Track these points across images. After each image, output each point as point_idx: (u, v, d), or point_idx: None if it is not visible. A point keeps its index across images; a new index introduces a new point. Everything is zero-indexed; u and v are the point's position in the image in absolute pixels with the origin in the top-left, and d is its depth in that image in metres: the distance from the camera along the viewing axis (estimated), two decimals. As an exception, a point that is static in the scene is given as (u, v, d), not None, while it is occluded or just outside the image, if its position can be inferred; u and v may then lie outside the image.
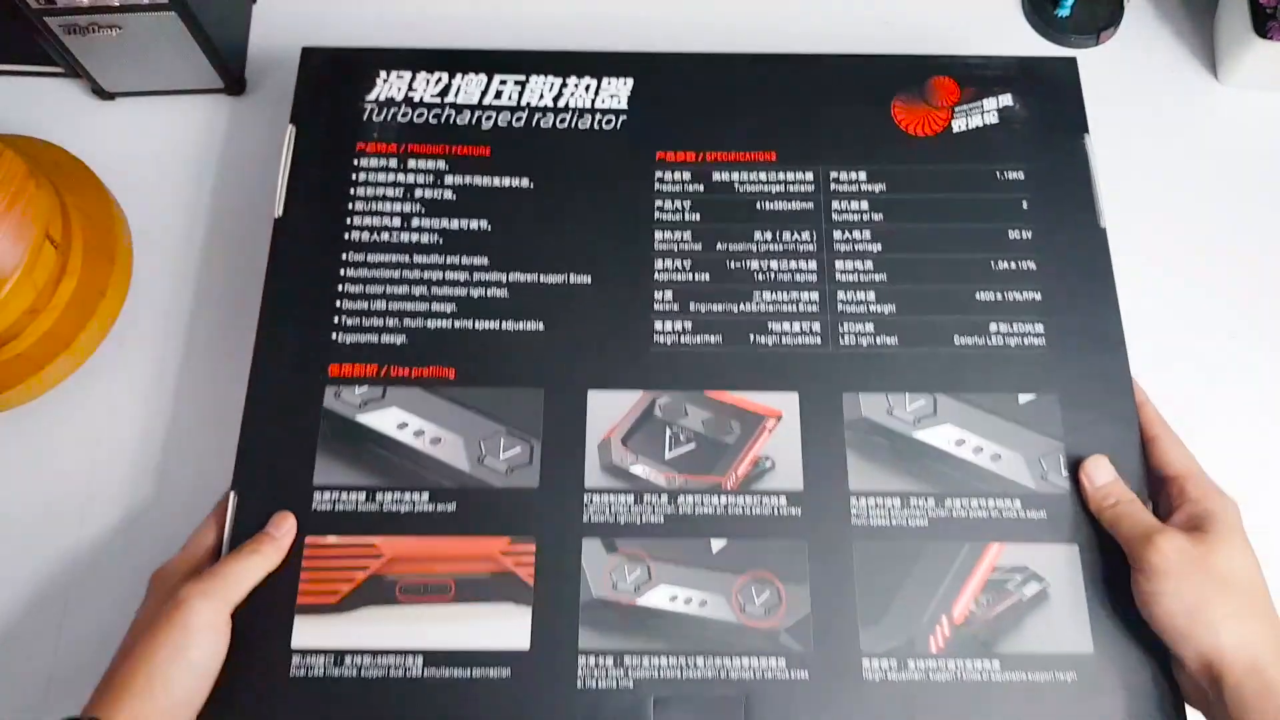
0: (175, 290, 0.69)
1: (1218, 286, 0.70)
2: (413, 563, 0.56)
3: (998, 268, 0.63)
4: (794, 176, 0.65)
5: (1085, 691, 0.54)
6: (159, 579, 0.55)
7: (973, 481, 0.58)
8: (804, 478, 0.58)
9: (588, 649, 0.55)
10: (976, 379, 0.60)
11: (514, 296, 0.62)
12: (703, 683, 0.54)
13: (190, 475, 0.60)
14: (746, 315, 0.62)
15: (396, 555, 0.56)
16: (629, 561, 0.56)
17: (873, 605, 0.55)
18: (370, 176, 0.65)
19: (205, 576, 0.53)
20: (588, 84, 0.68)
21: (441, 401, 0.60)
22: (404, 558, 0.56)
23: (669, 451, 0.59)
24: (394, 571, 0.56)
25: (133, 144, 0.73)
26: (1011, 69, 0.68)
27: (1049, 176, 0.65)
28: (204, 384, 0.63)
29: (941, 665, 0.55)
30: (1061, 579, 0.56)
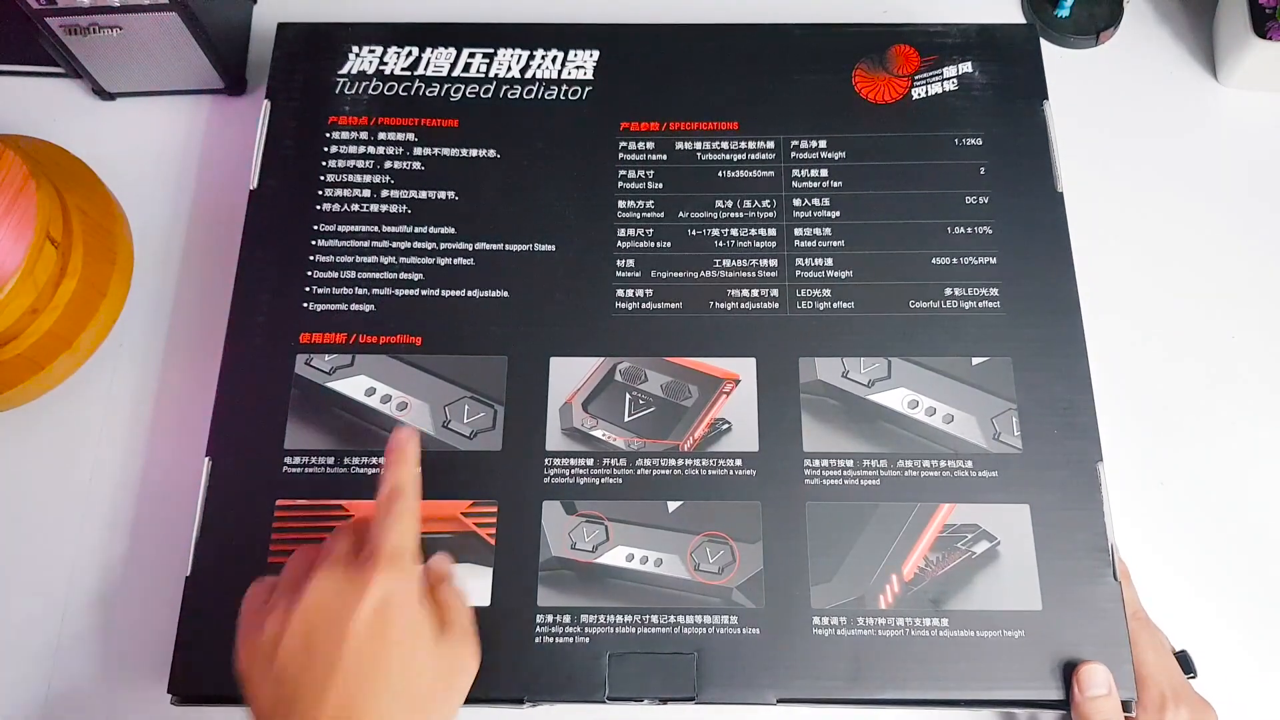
0: (176, 290, 0.70)
1: (1218, 286, 0.70)
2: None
3: (954, 233, 0.64)
4: (755, 145, 0.66)
5: (1033, 648, 0.55)
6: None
7: (925, 442, 0.59)
8: (759, 440, 0.59)
9: (546, 606, 0.56)
10: (931, 342, 0.61)
11: (479, 265, 0.64)
12: (657, 639, 0.56)
13: (191, 475, 0.59)
14: (707, 282, 0.63)
15: (365, 517, 0.58)
16: (588, 522, 0.58)
17: (824, 564, 0.57)
18: (341, 149, 0.66)
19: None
20: (554, 56, 0.69)
21: (408, 368, 0.61)
22: (371, 519, 0.58)
23: (628, 415, 0.60)
24: (361, 533, 0.58)
25: (133, 144, 0.73)
26: (971, 36, 0.68)
27: (1007, 142, 0.66)
28: (205, 384, 0.62)
29: (890, 622, 0.56)
30: (1012, 538, 0.57)
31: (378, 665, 0.48)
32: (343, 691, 0.47)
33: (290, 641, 0.48)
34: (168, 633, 0.56)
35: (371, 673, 0.48)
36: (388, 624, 0.49)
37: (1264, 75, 0.73)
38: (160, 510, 0.64)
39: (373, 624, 0.49)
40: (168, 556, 0.61)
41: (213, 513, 0.58)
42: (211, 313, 0.66)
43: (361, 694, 0.47)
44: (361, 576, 0.49)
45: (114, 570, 0.63)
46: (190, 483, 0.59)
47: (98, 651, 0.61)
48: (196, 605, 0.57)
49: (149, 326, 0.68)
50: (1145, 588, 0.60)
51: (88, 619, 0.62)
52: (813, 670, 0.55)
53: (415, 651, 0.49)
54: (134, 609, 0.62)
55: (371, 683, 0.48)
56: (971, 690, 0.55)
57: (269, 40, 0.70)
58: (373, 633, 0.48)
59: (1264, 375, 0.68)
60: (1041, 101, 0.67)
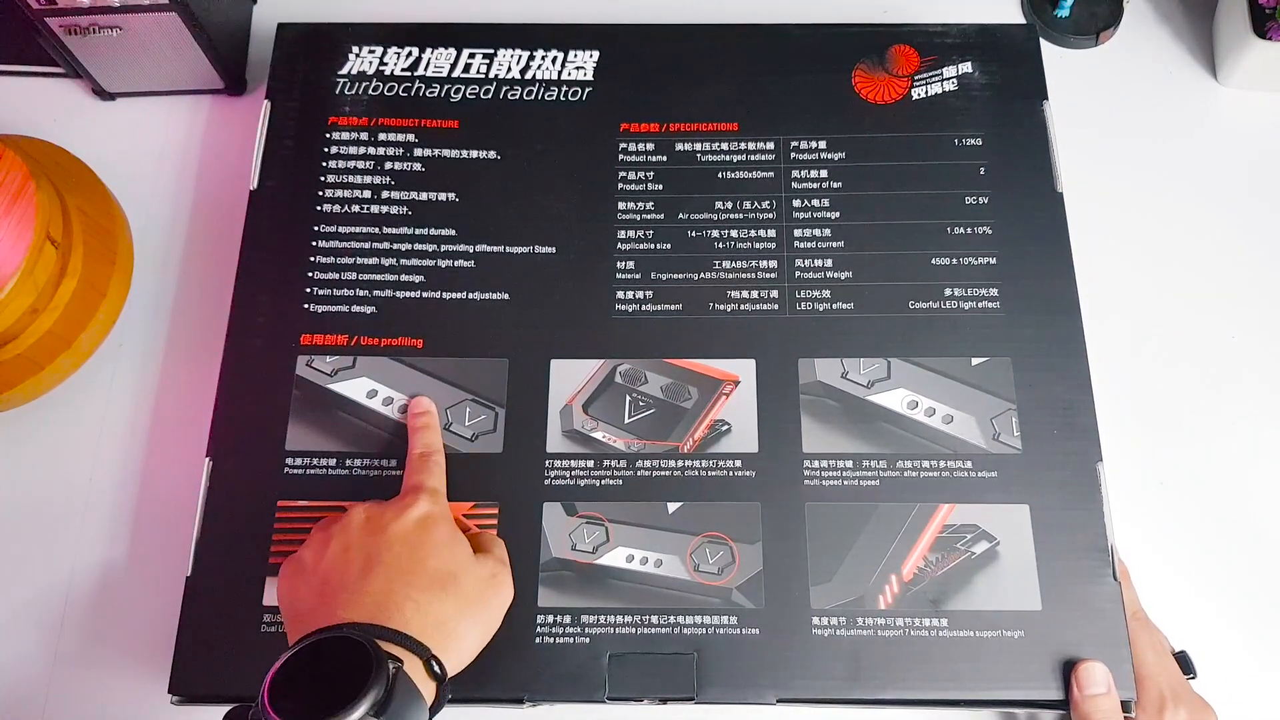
0: (176, 290, 0.70)
1: (1218, 287, 0.70)
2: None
3: (954, 233, 0.64)
4: (755, 146, 0.66)
5: (1033, 648, 0.55)
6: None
7: (925, 443, 0.59)
8: (759, 441, 0.59)
9: (546, 607, 0.56)
10: (931, 342, 0.61)
11: (480, 267, 0.64)
12: (657, 639, 0.56)
13: (191, 475, 0.59)
14: (706, 284, 0.63)
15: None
16: (588, 523, 0.58)
17: (824, 564, 0.57)
18: (342, 150, 0.67)
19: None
20: (554, 56, 0.69)
21: (410, 370, 0.61)
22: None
23: (628, 417, 0.60)
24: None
25: (133, 144, 0.73)
26: (971, 36, 0.68)
27: (1007, 142, 0.66)
28: (205, 384, 0.62)
29: (890, 622, 0.56)
30: (1012, 538, 0.57)
31: (417, 560, 0.50)
32: (383, 581, 0.49)
33: (332, 553, 0.51)
34: (168, 633, 0.56)
35: (411, 565, 0.50)
36: (428, 531, 0.52)
37: (1264, 75, 0.73)
38: (160, 510, 0.64)
39: (413, 530, 0.52)
40: (168, 556, 0.61)
41: (213, 513, 0.58)
42: (211, 313, 0.66)
43: (401, 581, 0.49)
44: (404, 500, 0.54)
45: (114, 570, 0.63)
46: (190, 483, 0.60)
47: (98, 651, 0.61)
48: (196, 605, 0.57)
49: (149, 326, 0.69)
50: (1145, 588, 0.61)
51: (88, 619, 0.62)
52: (812, 670, 0.55)
53: (456, 555, 0.52)
54: (134, 609, 0.62)
55: (411, 574, 0.50)
56: (971, 690, 0.55)
57: (269, 40, 0.70)
58: (414, 537, 0.51)
59: (1264, 375, 0.68)
60: (1041, 101, 0.67)
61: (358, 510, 0.53)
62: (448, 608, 0.49)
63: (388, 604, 0.48)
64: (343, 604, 0.48)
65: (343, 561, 0.51)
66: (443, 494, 0.56)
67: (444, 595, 0.50)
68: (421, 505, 0.53)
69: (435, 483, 0.56)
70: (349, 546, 0.51)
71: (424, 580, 0.50)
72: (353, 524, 0.52)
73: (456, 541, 0.53)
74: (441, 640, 0.48)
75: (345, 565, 0.50)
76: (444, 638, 0.48)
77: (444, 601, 0.49)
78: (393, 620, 0.47)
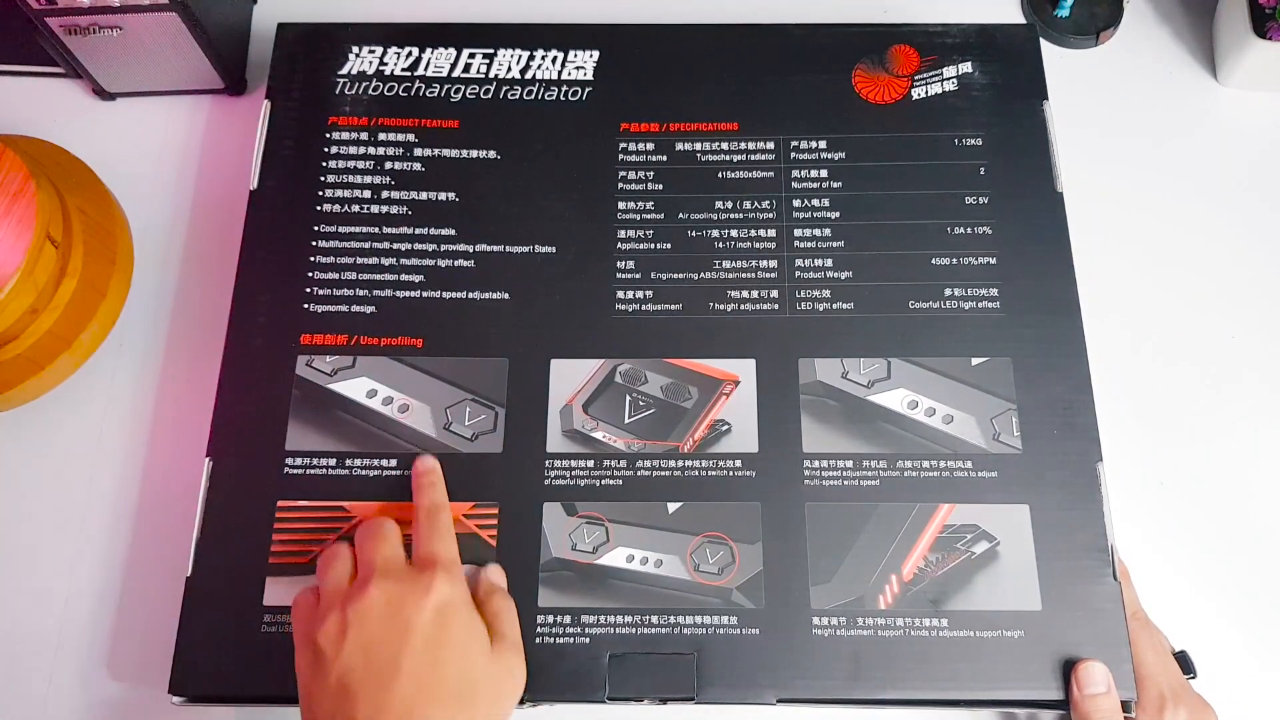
0: (176, 290, 0.70)
1: (1218, 287, 0.70)
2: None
3: (954, 233, 0.64)
4: (755, 146, 0.66)
5: (1033, 648, 0.55)
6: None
7: (925, 443, 0.59)
8: (759, 441, 0.59)
9: (546, 607, 0.56)
10: (931, 342, 0.61)
11: (480, 267, 0.64)
12: (657, 639, 0.56)
13: (191, 475, 0.59)
14: (706, 283, 0.63)
15: (366, 518, 0.58)
16: (588, 524, 0.58)
17: (824, 564, 0.57)
18: (342, 149, 0.66)
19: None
20: (554, 56, 0.69)
21: (410, 370, 0.61)
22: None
23: (628, 417, 0.60)
24: (362, 534, 0.58)
25: (133, 144, 0.73)
26: (971, 36, 0.68)
27: (1007, 142, 0.66)
28: (205, 384, 0.62)
29: (890, 622, 0.56)
30: (1012, 538, 0.57)
31: (436, 670, 0.49)
32: (403, 697, 0.48)
33: (351, 649, 0.49)
34: (168, 633, 0.56)
35: (430, 678, 0.49)
36: (447, 627, 0.50)
37: (1264, 75, 0.73)
38: (160, 510, 0.64)
39: (433, 627, 0.50)
40: (168, 556, 0.61)
41: (213, 513, 0.58)
42: (211, 313, 0.66)
43: (422, 699, 0.48)
44: (421, 581, 0.51)
45: (114, 570, 0.63)
46: (190, 483, 0.59)
47: (98, 651, 0.61)
48: (197, 606, 0.57)
49: (149, 326, 0.68)
50: (1145, 588, 0.61)
51: (88, 619, 0.62)
52: (812, 670, 0.55)
53: (471, 657, 0.51)
54: (134, 609, 0.62)
55: (431, 688, 0.49)
56: (971, 690, 0.55)
57: (269, 40, 0.69)
58: (433, 637, 0.50)
59: (1264, 375, 0.68)
60: (1041, 101, 0.67)
61: (375, 594, 0.50)
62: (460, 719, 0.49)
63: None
64: (365, 716, 0.48)
65: (365, 662, 0.49)
66: (458, 563, 0.54)
67: (460, 709, 0.49)
68: (440, 590, 0.51)
69: (449, 551, 0.54)
70: (370, 645, 0.49)
71: (443, 694, 0.49)
72: (372, 613, 0.50)
73: (473, 634, 0.52)
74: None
75: (368, 668, 0.49)
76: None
77: (458, 715, 0.49)
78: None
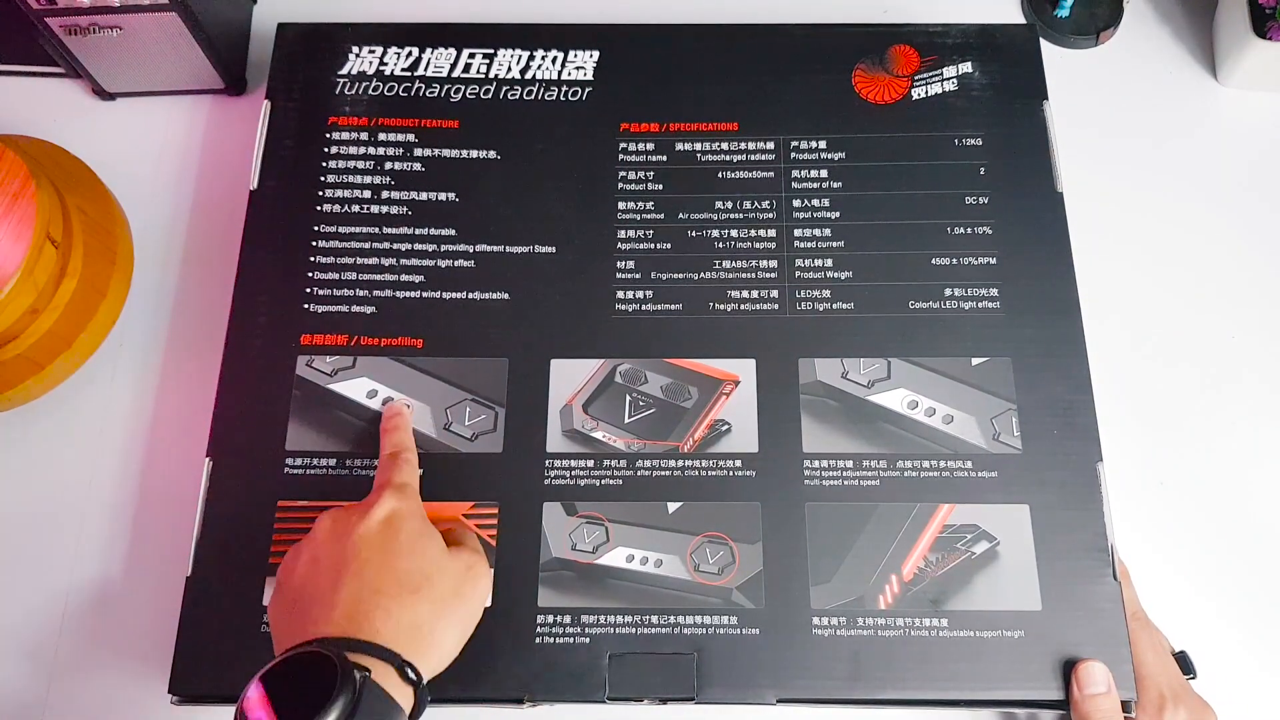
0: (176, 290, 0.70)
1: (1218, 287, 0.70)
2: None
3: (954, 233, 0.64)
4: (755, 146, 0.66)
5: (1033, 648, 0.55)
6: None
7: (925, 443, 0.59)
8: (759, 440, 0.59)
9: (546, 607, 0.56)
10: (931, 342, 0.61)
11: (480, 267, 0.64)
12: (657, 639, 0.56)
13: (191, 475, 0.59)
14: (707, 283, 0.63)
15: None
16: (588, 523, 0.58)
17: (824, 564, 0.57)
18: (342, 150, 0.67)
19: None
20: (554, 56, 0.69)
21: (410, 370, 0.61)
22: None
23: (628, 417, 0.60)
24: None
25: (133, 144, 0.73)
26: (971, 36, 0.68)
27: (1007, 142, 0.66)
28: (205, 384, 0.62)
29: (890, 622, 0.56)
30: (1012, 538, 0.57)
31: (384, 567, 0.50)
32: (350, 595, 0.48)
33: (301, 569, 0.51)
34: (168, 633, 0.56)
35: (377, 575, 0.49)
36: (395, 533, 0.51)
37: (1264, 75, 0.73)
38: (160, 510, 0.64)
39: (379, 534, 0.51)
40: (168, 556, 0.61)
41: (213, 513, 0.58)
42: (211, 313, 0.66)
43: (368, 592, 0.48)
44: (368, 500, 0.53)
45: (114, 570, 0.63)
46: (190, 483, 0.59)
47: (98, 652, 0.61)
48: (197, 605, 0.57)
49: (149, 326, 0.68)
50: (1145, 588, 0.61)
51: (88, 619, 0.62)
52: (812, 670, 0.55)
53: (425, 553, 0.51)
54: (134, 609, 0.62)
55: (378, 583, 0.49)
56: (971, 690, 0.55)
57: (269, 40, 0.70)
58: (379, 542, 0.50)
59: (1264, 375, 0.68)
60: (1041, 101, 0.67)
61: (324, 518, 0.53)
62: (421, 611, 0.49)
63: (357, 614, 0.47)
64: (315, 618, 0.48)
65: (313, 573, 0.50)
66: (411, 488, 0.55)
67: (416, 598, 0.49)
68: (386, 503, 0.52)
69: (403, 478, 0.55)
70: (317, 557, 0.51)
71: (394, 585, 0.49)
72: (319, 533, 0.52)
73: (426, 538, 0.52)
74: (416, 644, 0.48)
75: (315, 577, 0.50)
76: (418, 641, 0.48)
77: (417, 605, 0.49)
78: (362, 630, 0.47)
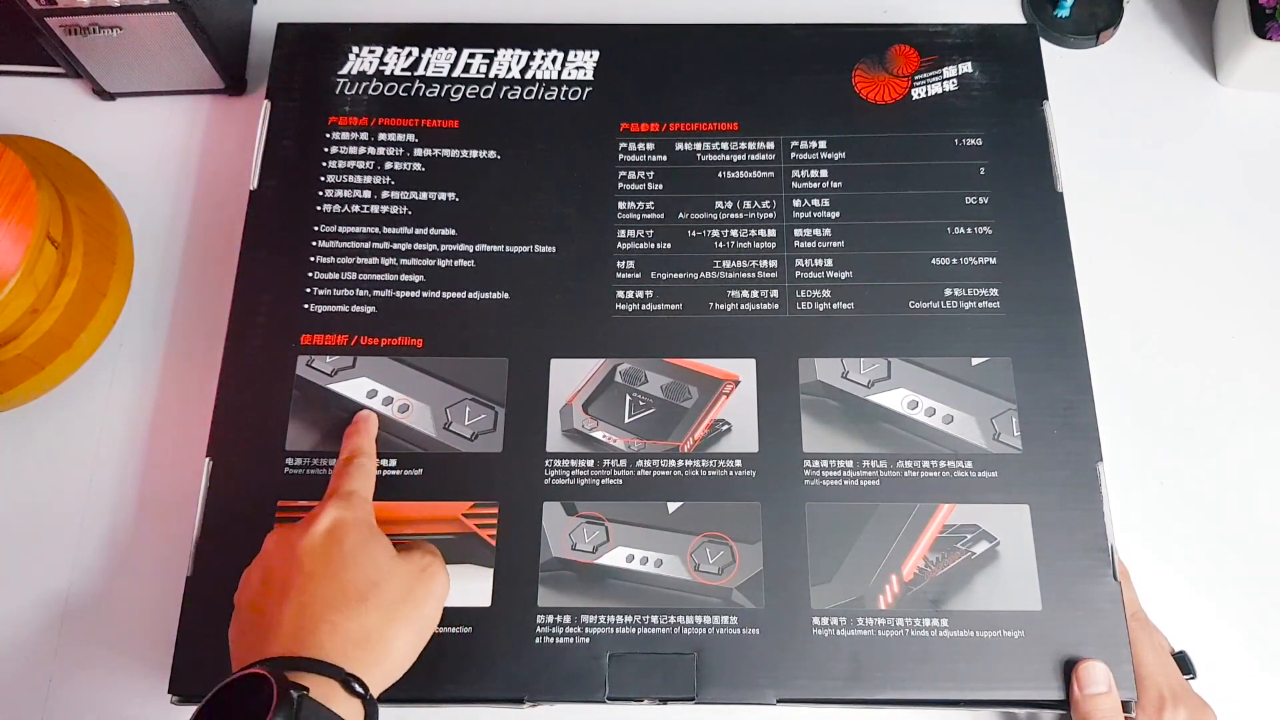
0: (176, 290, 0.70)
1: (1218, 287, 0.70)
2: (380, 525, 0.57)
3: (954, 233, 0.64)
4: (755, 146, 0.66)
5: (1033, 648, 0.55)
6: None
7: (925, 443, 0.59)
8: (759, 440, 0.59)
9: (546, 607, 0.56)
10: (931, 342, 0.61)
11: (480, 267, 0.64)
12: (657, 639, 0.56)
13: (191, 475, 0.60)
14: (706, 283, 0.63)
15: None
16: (588, 523, 0.58)
17: (824, 564, 0.57)
18: (342, 149, 0.67)
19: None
20: (554, 56, 0.69)
21: (409, 370, 0.61)
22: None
23: (628, 416, 0.60)
24: (361, 533, 0.58)
25: (134, 144, 0.73)
26: (972, 36, 0.68)
27: (1007, 142, 0.66)
28: (205, 384, 0.62)
29: (890, 622, 0.56)
30: (1012, 538, 0.57)
31: (330, 579, 0.49)
32: (298, 609, 0.48)
33: (252, 584, 0.51)
34: (168, 633, 0.56)
35: (325, 583, 0.49)
36: (338, 543, 0.51)
37: (1264, 75, 0.73)
38: (160, 510, 0.64)
39: (323, 545, 0.50)
40: (168, 556, 0.61)
41: (213, 513, 0.58)
42: (211, 313, 0.66)
43: (315, 606, 0.48)
44: (312, 514, 0.52)
45: (114, 570, 0.63)
46: (190, 483, 0.60)
47: (98, 651, 0.61)
48: (197, 605, 0.57)
49: (149, 326, 0.68)
50: (1145, 588, 0.61)
51: (87, 618, 0.62)
52: (812, 670, 0.55)
53: (372, 561, 0.51)
54: (134, 609, 0.62)
55: (325, 595, 0.49)
56: (971, 690, 0.55)
57: (269, 40, 0.70)
58: (322, 553, 0.50)
59: (1264, 375, 0.68)
60: (1041, 101, 0.67)
61: (270, 535, 0.53)
62: (371, 619, 0.49)
63: (301, 631, 0.47)
64: (264, 639, 0.48)
65: (262, 593, 0.50)
66: (359, 494, 0.54)
67: (364, 608, 0.49)
68: (329, 514, 0.52)
69: (352, 485, 0.54)
70: (266, 576, 0.50)
71: (340, 597, 0.49)
72: (266, 551, 0.52)
73: (372, 543, 0.52)
74: (365, 654, 0.48)
75: (264, 596, 0.50)
76: (368, 651, 0.48)
77: (365, 614, 0.48)
78: (307, 647, 0.47)
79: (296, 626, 0.47)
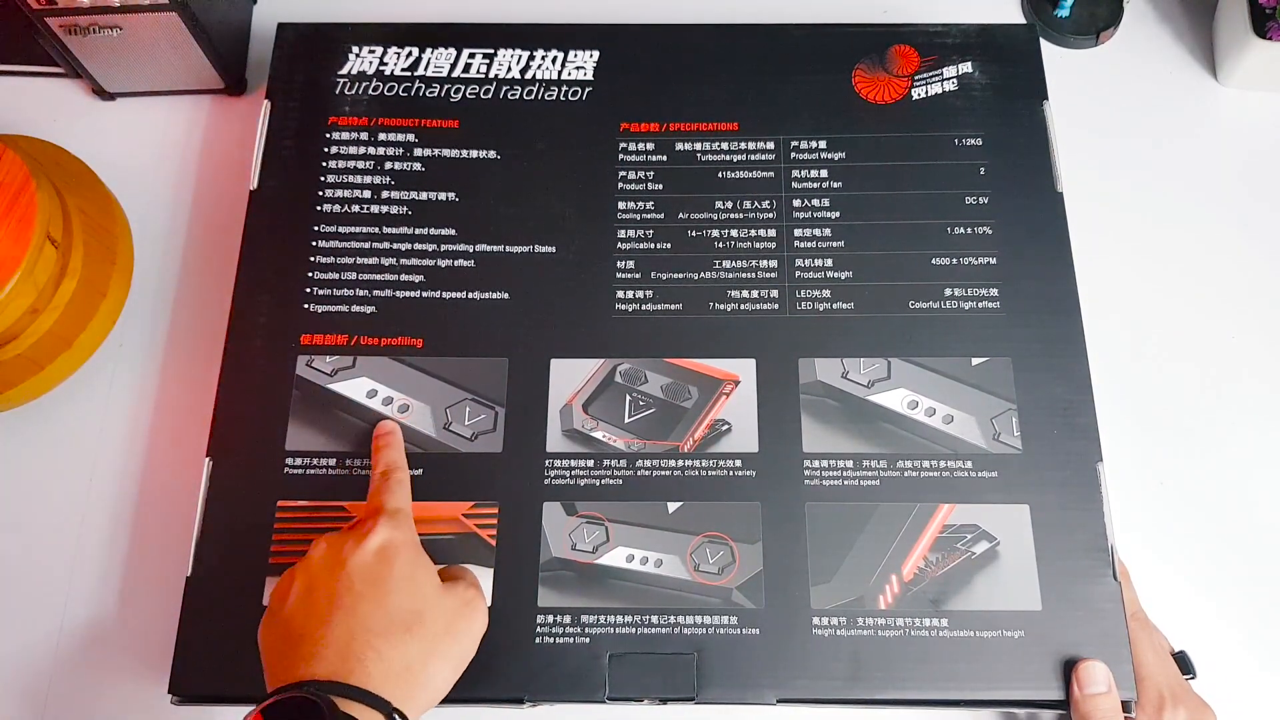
0: (176, 290, 0.70)
1: (1218, 287, 0.70)
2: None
3: (954, 233, 0.64)
4: (755, 146, 0.66)
5: (1033, 648, 0.55)
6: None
7: (925, 443, 0.59)
8: (759, 440, 0.59)
9: (546, 607, 0.56)
10: (931, 342, 0.61)
11: (480, 267, 0.64)
12: (657, 639, 0.56)
13: (191, 475, 0.59)
14: (707, 283, 0.63)
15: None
16: (588, 523, 0.58)
17: (824, 564, 0.57)
18: (342, 149, 0.67)
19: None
20: (554, 56, 0.69)
21: (409, 370, 0.61)
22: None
23: (628, 416, 0.60)
24: (362, 533, 0.58)
25: (133, 144, 0.73)
26: (971, 36, 0.68)
27: (1007, 142, 0.66)
28: (205, 384, 0.62)
29: (890, 622, 0.56)
30: (1012, 538, 0.57)
31: (378, 604, 0.49)
32: (344, 631, 0.48)
33: (294, 598, 0.50)
34: (168, 633, 0.56)
35: (370, 612, 0.49)
36: (389, 564, 0.50)
37: (1264, 75, 0.73)
38: (160, 510, 0.64)
39: (373, 566, 0.50)
40: (168, 556, 0.61)
41: (213, 513, 0.58)
42: (211, 313, 0.66)
43: (361, 631, 0.48)
44: (363, 528, 0.52)
45: (114, 570, 0.63)
46: (190, 483, 0.60)
47: (98, 651, 0.61)
48: (197, 605, 0.57)
49: (149, 326, 0.68)
50: (1145, 588, 0.61)
51: (88, 619, 0.62)
52: (812, 670, 0.55)
53: (419, 590, 0.51)
54: (134, 609, 0.62)
55: (371, 620, 0.48)
56: (971, 690, 0.55)
57: (269, 40, 0.70)
58: (372, 574, 0.50)
59: (1264, 376, 0.68)
60: (1041, 101, 0.67)
61: (319, 544, 0.52)
62: (413, 650, 0.48)
63: (349, 656, 0.47)
64: (305, 656, 0.47)
65: (306, 605, 0.49)
66: (404, 513, 0.54)
67: (408, 638, 0.49)
68: (380, 533, 0.51)
69: (396, 503, 0.54)
70: (311, 588, 0.50)
71: (386, 623, 0.48)
72: (313, 561, 0.51)
73: (420, 570, 0.51)
74: (407, 686, 0.48)
75: (309, 610, 0.49)
76: (409, 683, 0.48)
77: (408, 644, 0.48)
78: (354, 674, 0.46)
79: (344, 649, 0.47)
